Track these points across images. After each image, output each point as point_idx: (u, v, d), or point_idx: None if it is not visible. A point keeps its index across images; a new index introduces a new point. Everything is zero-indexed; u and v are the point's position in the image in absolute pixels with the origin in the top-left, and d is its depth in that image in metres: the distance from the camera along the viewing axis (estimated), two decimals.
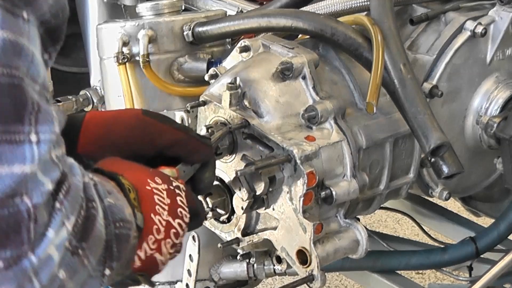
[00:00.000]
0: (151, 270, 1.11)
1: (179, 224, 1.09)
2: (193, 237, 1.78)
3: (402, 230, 3.44)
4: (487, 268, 1.74)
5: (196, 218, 1.16)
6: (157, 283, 1.90)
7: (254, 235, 1.51)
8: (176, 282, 1.88)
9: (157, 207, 1.07)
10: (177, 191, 1.11)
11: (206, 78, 1.59)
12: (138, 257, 1.06)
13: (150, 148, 1.21)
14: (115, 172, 1.06)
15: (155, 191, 1.08)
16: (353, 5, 1.67)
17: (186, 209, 1.11)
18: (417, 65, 1.66)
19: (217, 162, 1.50)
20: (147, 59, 1.75)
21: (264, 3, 1.95)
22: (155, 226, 1.06)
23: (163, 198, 1.08)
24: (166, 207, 1.08)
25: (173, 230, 1.09)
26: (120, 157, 1.16)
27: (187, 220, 1.11)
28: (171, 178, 1.12)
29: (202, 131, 1.46)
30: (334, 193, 1.42)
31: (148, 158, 1.20)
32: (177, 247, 1.13)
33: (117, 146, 1.20)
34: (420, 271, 3.05)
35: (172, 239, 1.09)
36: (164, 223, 1.07)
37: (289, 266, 1.54)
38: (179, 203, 1.10)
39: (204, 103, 1.51)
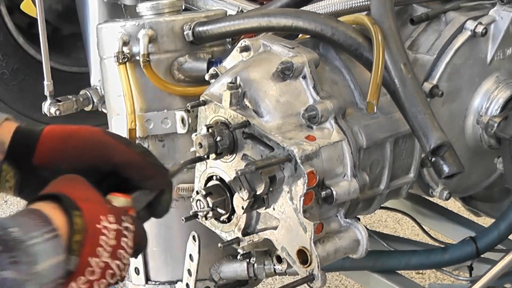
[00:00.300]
0: None
1: (117, 265, 1.10)
2: (193, 237, 1.78)
3: (402, 230, 3.44)
4: (487, 268, 1.74)
5: (138, 252, 1.18)
6: (157, 283, 1.90)
7: (255, 234, 1.51)
8: (176, 282, 1.88)
9: (98, 249, 1.08)
10: (125, 232, 1.11)
11: (207, 77, 1.59)
12: None
13: (104, 165, 1.21)
14: (74, 206, 1.06)
15: (103, 231, 1.08)
16: (353, 5, 1.67)
17: (129, 250, 1.12)
18: (418, 65, 1.66)
19: (218, 162, 1.50)
20: (147, 59, 1.75)
21: (264, 2, 1.96)
22: (89, 268, 1.07)
23: (108, 239, 1.09)
24: (109, 249, 1.09)
25: (110, 271, 1.09)
26: (74, 171, 1.16)
27: (126, 261, 1.12)
28: (122, 217, 1.12)
29: (202, 130, 1.46)
30: (334, 192, 1.42)
31: (103, 175, 1.21)
32: (113, 284, 1.13)
33: (72, 159, 1.20)
34: (420, 271, 3.05)
35: (107, 279, 1.09)
36: (102, 264, 1.08)
37: (289, 265, 1.54)
38: (123, 244, 1.11)
39: (205, 102, 1.51)
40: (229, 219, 1.52)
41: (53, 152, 1.22)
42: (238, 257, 1.60)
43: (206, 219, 1.50)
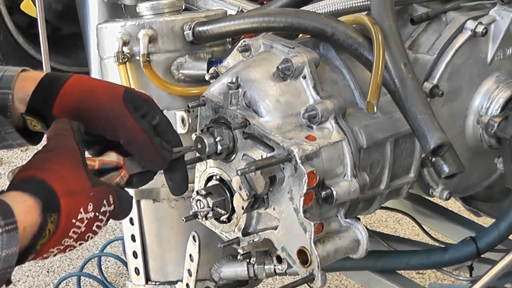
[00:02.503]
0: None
1: (80, 243, 1.14)
2: (193, 237, 1.78)
3: (403, 230, 3.44)
4: (487, 268, 1.74)
5: (119, 219, 1.22)
6: (157, 283, 1.90)
7: (255, 234, 1.50)
8: (176, 282, 1.88)
9: (65, 240, 1.11)
10: (101, 216, 1.15)
11: (207, 77, 1.59)
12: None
13: (109, 134, 1.24)
14: (53, 207, 1.08)
15: (77, 223, 1.11)
16: (354, 5, 1.67)
17: (98, 230, 1.15)
18: (418, 65, 1.66)
19: (218, 162, 1.50)
20: (148, 59, 1.74)
21: (265, 2, 1.96)
22: (45, 254, 1.11)
23: (79, 229, 1.12)
24: (75, 236, 1.12)
25: (69, 248, 1.14)
26: (84, 129, 1.20)
27: (89, 239, 1.16)
28: (104, 201, 1.15)
29: (202, 130, 1.46)
30: (334, 192, 1.42)
31: (106, 140, 1.25)
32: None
33: (84, 119, 1.23)
34: (421, 271, 3.05)
35: (64, 252, 1.14)
36: (62, 247, 1.12)
37: (289, 266, 1.54)
38: (94, 228, 1.15)
39: (204, 102, 1.51)
40: (229, 219, 1.52)
41: (69, 109, 1.25)
42: (238, 257, 1.60)
43: (206, 219, 1.50)
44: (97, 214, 1.14)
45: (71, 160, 1.15)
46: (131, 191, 1.67)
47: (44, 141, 1.30)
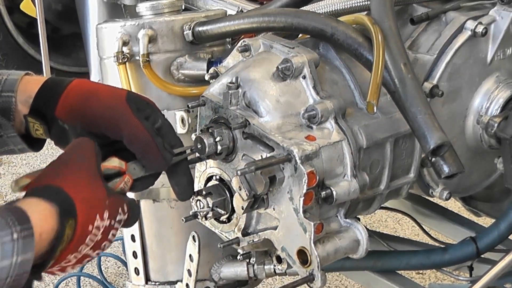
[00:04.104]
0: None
1: (97, 253, 1.15)
2: (193, 237, 1.78)
3: (403, 230, 3.44)
4: (487, 268, 1.74)
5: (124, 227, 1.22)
6: (157, 283, 1.90)
7: (255, 235, 1.50)
8: (176, 282, 1.88)
9: (82, 247, 1.11)
10: (116, 225, 1.16)
11: (206, 77, 1.59)
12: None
13: (112, 133, 1.24)
14: (71, 212, 1.09)
15: (94, 231, 1.12)
16: (353, 5, 1.67)
17: (113, 238, 1.16)
18: (418, 65, 1.66)
19: (218, 162, 1.50)
20: (147, 59, 1.74)
21: (264, 2, 1.95)
22: (64, 262, 1.11)
23: (96, 236, 1.12)
24: (92, 244, 1.13)
25: (87, 259, 1.15)
26: (88, 132, 1.21)
27: (106, 248, 1.16)
28: (120, 210, 1.16)
29: (202, 130, 1.46)
30: (334, 193, 1.42)
31: (110, 141, 1.25)
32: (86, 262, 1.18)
33: (87, 120, 1.24)
34: (421, 271, 3.05)
35: (81, 263, 1.14)
36: (79, 256, 1.12)
37: (289, 266, 1.54)
38: (110, 237, 1.15)
39: (204, 102, 1.51)
40: (229, 219, 1.52)
41: (72, 109, 1.25)
42: (238, 257, 1.60)
43: (206, 219, 1.50)
44: (112, 222, 1.14)
45: (87, 170, 1.15)
46: None
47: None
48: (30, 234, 1.03)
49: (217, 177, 1.51)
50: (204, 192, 1.48)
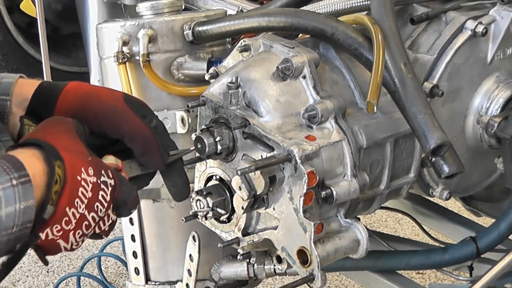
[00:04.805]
0: (50, 251, 1.14)
1: (92, 217, 1.13)
2: (193, 237, 1.78)
3: (403, 230, 3.44)
4: (487, 268, 1.74)
5: (123, 209, 1.20)
6: (157, 283, 1.90)
7: (255, 234, 1.50)
8: (176, 282, 1.88)
9: (76, 200, 1.11)
10: (103, 186, 1.14)
11: (206, 77, 1.59)
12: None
13: (112, 132, 1.25)
14: (56, 155, 1.09)
15: (82, 183, 1.11)
16: (354, 5, 1.67)
17: (106, 204, 1.15)
18: (418, 65, 1.66)
19: (218, 162, 1.50)
20: (147, 59, 1.74)
21: (264, 2, 1.96)
22: (65, 218, 1.10)
23: (86, 191, 1.12)
24: (86, 201, 1.12)
25: (85, 223, 1.13)
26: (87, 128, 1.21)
27: (102, 214, 1.15)
28: (102, 171, 1.15)
29: (202, 130, 1.46)
30: (334, 192, 1.42)
31: (111, 140, 1.26)
32: (88, 236, 1.17)
33: (86, 120, 1.23)
34: (421, 271, 3.05)
35: (82, 230, 1.13)
36: (77, 215, 1.11)
37: (289, 266, 1.54)
38: (100, 198, 1.14)
39: (204, 102, 1.51)
40: (229, 219, 1.52)
41: (71, 110, 1.26)
42: (238, 257, 1.60)
43: (206, 219, 1.50)
44: (99, 182, 1.13)
45: (67, 129, 1.16)
46: None
47: None
48: (28, 180, 1.04)
49: (217, 177, 1.51)
50: (204, 192, 1.48)
